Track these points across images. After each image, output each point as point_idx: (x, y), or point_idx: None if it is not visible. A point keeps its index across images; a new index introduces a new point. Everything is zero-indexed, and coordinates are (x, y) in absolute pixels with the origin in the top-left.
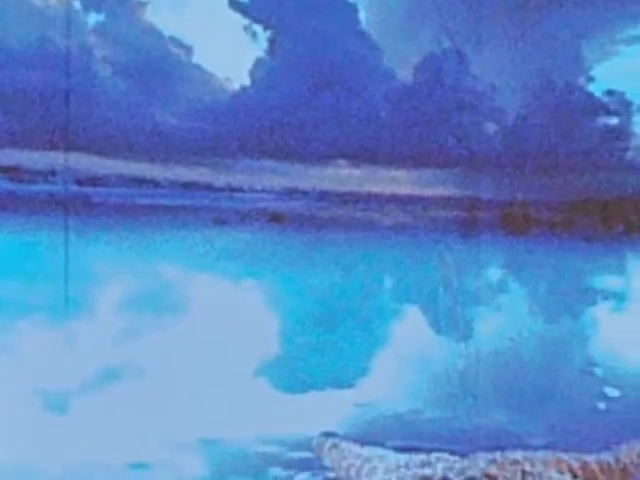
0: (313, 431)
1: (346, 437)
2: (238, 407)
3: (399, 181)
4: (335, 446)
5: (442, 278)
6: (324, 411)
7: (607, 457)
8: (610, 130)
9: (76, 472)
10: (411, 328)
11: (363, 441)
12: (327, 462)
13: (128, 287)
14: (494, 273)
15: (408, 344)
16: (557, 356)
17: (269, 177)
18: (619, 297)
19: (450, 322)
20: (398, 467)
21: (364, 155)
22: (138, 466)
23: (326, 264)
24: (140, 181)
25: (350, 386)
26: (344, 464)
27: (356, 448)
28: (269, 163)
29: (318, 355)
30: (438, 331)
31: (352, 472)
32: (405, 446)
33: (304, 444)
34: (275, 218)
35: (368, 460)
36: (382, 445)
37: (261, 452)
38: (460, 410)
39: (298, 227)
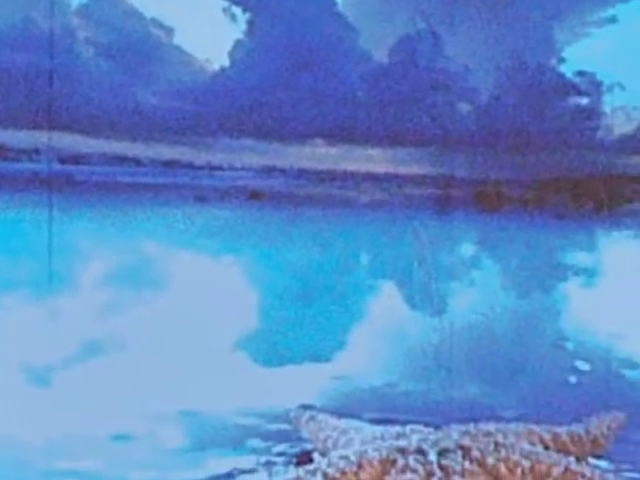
0: (291, 404)
1: (323, 410)
2: (217, 380)
3: (375, 159)
4: (312, 418)
5: (417, 254)
6: (302, 384)
7: (578, 429)
8: (581, 110)
9: (59, 443)
10: (386, 303)
11: (340, 413)
12: (305, 434)
13: (110, 263)
14: (467, 249)
15: (384, 319)
16: (529, 330)
17: (248, 155)
18: (589, 273)
19: (424, 297)
20: (374, 439)
21: (341, 134)
22: (120, 437)
23: (304, 240)
24: (122, 159)
25: (327, 360)
26: (321, 436)
27: (333, 420)
28: (248, 142)
29: (296, 329)
30: (413, 306)
31: (329, 443)
32: (381, 418)
33: (282, 416)
34: (254, 196)
35: (345, 432)
36: (358, 417)
37: (240, 424)
38: (434, 383)
39: (276, 204)
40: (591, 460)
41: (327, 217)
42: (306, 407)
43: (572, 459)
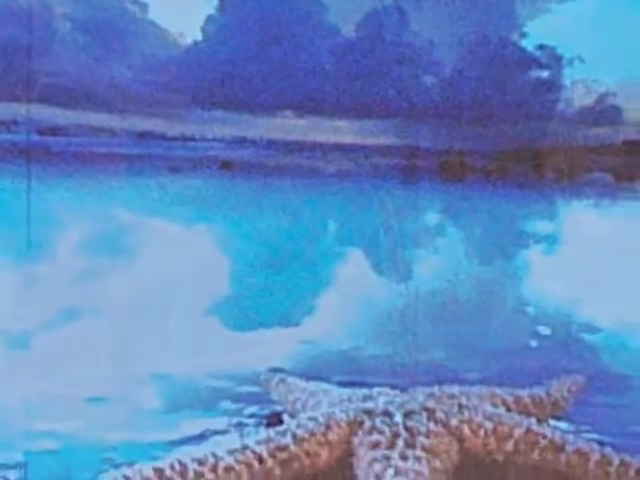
0: (261, 367)
1: (292, 373)
2: (190, 344)
3: (342, 131)
4: (282, 381)
5: (383, 222)
6: (272, 348)
7: (539, 391)
8: (542, 83)
9: (37, 405)
10: (354, 270)
11: (308, 376)
12: (274, 396)
13: (87, 231)
14: (432, 218)
15: (351, 285)
16: (491, 296)
17: (220, 127)
18: (550, 240)
19: (390, 264)
20: (341, 401)
21: (309, 106)
22: (96, 400)
23: (273, 209)
24: (98, 131)
25: (296, 324)
26: (290, 398)
27: (302, 383)
28: (220, 114)
29: (266, 295)
30: (379, 272)
31: (298, 405)
32: (348, 381)
33: (253, 379)
34: (225, 166)
35: (313, 394)
36: (326, 380)
37: (212, 386)
38: (400, 347)
39: (247, 174)
40: (551, 422)
41: (296, 186)
42: (276, 370)
43: (533, 420)
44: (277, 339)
